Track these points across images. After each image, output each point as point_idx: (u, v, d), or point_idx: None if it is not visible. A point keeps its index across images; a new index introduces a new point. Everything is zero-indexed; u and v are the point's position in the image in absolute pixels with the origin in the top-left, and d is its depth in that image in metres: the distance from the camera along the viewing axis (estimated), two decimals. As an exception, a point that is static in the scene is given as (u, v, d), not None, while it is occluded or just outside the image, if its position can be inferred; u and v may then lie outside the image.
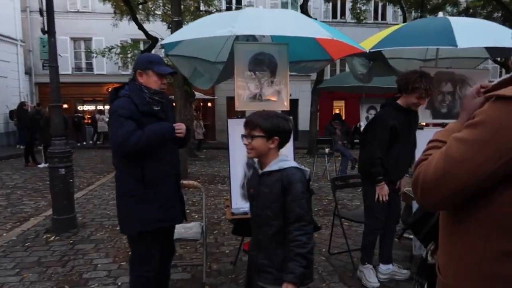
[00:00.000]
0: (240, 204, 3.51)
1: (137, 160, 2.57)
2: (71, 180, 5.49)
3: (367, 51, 3.54)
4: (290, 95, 3.89)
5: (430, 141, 1.21)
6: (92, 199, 7.39)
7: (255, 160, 2.14)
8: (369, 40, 4.08)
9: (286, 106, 3.74)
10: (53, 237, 5.12)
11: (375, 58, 4.52)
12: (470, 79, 4.06)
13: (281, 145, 2.07)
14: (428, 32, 3.45)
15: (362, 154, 3.65)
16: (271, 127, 2.01)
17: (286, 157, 2.09)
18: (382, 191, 3.50)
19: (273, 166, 2.03)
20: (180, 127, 2.73)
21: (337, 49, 3.91)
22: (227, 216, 3.54)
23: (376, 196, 3.51)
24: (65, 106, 20.01)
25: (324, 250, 4.62)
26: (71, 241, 4.95)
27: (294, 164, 2.04)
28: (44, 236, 5.15)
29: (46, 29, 5.46)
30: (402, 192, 3.83)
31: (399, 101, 3.48)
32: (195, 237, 3.64)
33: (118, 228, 5.40)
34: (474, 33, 3.39)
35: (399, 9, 16.02)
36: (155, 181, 2.61)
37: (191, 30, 3.33)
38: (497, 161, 0.96)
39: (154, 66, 2.62)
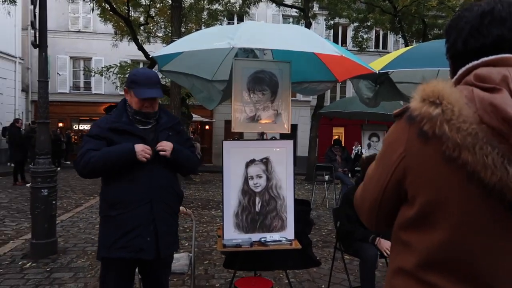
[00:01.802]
0: (233, 235, 3.19)
1: (109, 178, 2.42)
2: (53, 202, 5.13)
3: (377, 72, 3.30)
4: (289, 118, 3.65)
5: None
6: (78, 222, 7.00)
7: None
8: (378, 61, 3.86)
9: (286, 129, 3.50)
10: (29, 263, 4.73)
11: (383, 82, 4.29)
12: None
13: None
14: (442, 53, 3.22)
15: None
16: None
17: None
18: (382, 246, 3.43)
19: None
20: (163, 143, 2.45)
21: (343, 70, 3.69)
22: (218, 247, 3.20)
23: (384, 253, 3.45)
24: (60, 124, 19.79)
25: (323, 286, 4.24)
26: (48, 269, 4.56)
27: None
28: (20, 262, 4.75)
29: (37, 42, 5.23)
30: None
31: None
32: (181, 270, 3.28)
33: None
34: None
35: (401, 38, 16.06)
36: (120, 203, 2.35)
37: (187, 42, 3.09)
38: (388, 174, 1.08)
39: (135, 87, 2.43)
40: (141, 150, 2.36)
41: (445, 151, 0.95)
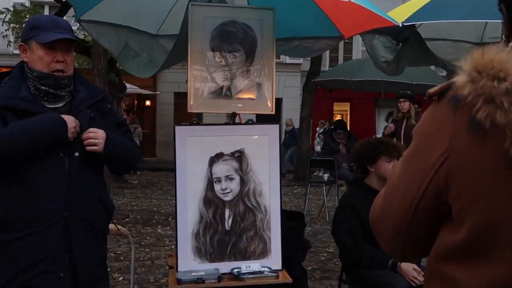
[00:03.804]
0: (192, 265, 3.22)
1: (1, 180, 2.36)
2: None
3: (400, 25, 3.36)
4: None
5: None
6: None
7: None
8: (401, 8, 3.92)
9: (269, 107, 3.56)
10: None
11: (407, 39, 4.37)
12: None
13: None
14: (492, -1, 3.31)
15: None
16: None
17: None
18: (407, 273, 3.44)
19: None
20: (92, 134, 2.42)
21: (351, 22, 3.75)
22: (170, 284, 3.23)
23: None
24: None
25: (323, 336, 4.34)
26: None
27: None
28: None
29: None
30: None
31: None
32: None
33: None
34: None
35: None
36: (17, 222, 2.31)
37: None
38: (423, 182, 1.08)
39: (38, 33, 2.40)
40: (74, 126, 2.34)
41: (510, 150, 0.96)
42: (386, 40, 4.43)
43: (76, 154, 2.39)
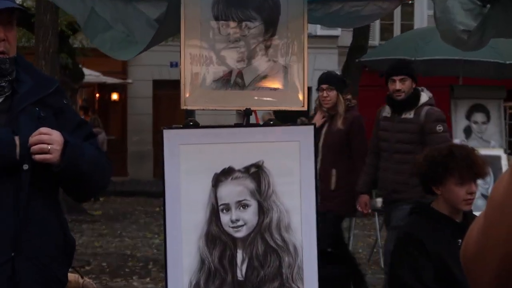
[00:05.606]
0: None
1: None
2: None
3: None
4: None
5: None
6: None
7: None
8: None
9: (300, 100, 3.60)
10: None
11: (498, -2, 4.39)
12: None
13: None
14: None
15: None
16: None
17: None
18: None
19: None
20: (44, 137, 2.46)
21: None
22: None
23: None
24: None
25: None
26: None
27: None
28: None
29: None
30: None
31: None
32: None
33: None
34: None
35: None
36: None
37: None
38: None
39: None
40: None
41: None
42: (466, 0, 4.45)
43: (25, 167, 2.44)
